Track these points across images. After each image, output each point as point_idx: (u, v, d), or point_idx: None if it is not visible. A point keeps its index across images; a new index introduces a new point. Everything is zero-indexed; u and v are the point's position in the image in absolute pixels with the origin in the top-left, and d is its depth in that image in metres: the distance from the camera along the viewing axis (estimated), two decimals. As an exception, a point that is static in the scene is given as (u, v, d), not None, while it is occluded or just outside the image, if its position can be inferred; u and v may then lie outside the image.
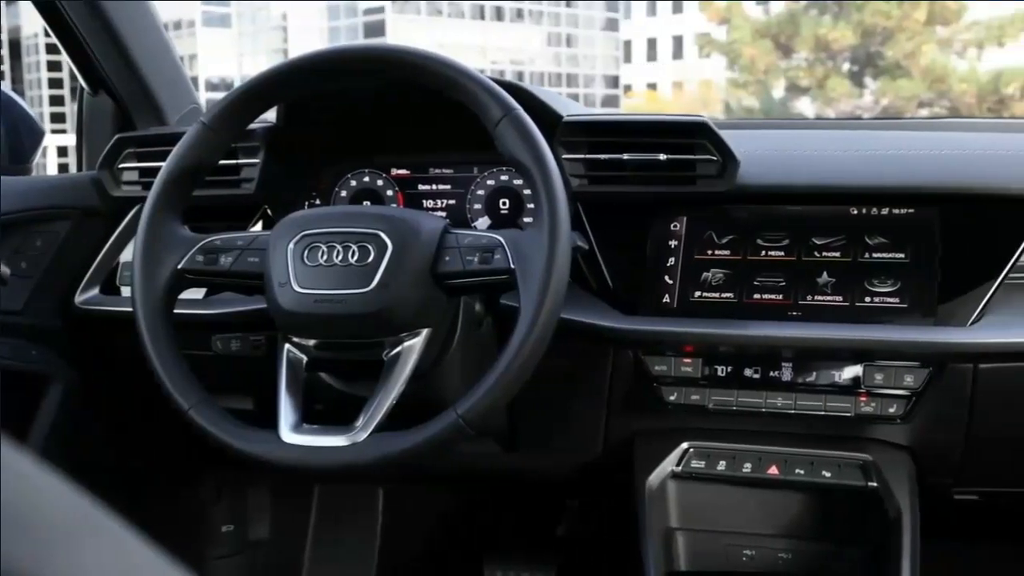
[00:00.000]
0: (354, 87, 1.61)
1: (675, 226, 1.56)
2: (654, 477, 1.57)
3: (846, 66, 21.34)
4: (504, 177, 1.72)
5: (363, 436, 1.28)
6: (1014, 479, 1.65)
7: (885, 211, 1.50)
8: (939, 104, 20.02)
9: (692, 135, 1.53)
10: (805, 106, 21.66)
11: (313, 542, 2.27)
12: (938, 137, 1.73)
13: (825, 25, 20.75)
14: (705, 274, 1.52)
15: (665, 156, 1.53)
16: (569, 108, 1.64)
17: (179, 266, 1.40)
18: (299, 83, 1.42)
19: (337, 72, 1.41)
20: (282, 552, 2.26)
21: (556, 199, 1.28)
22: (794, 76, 21.62)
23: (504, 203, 1.72)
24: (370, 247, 1.32)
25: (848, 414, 1.48)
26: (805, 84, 21.47)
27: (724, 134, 1.52)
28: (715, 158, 1.52)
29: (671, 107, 30.35)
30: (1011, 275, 1.44)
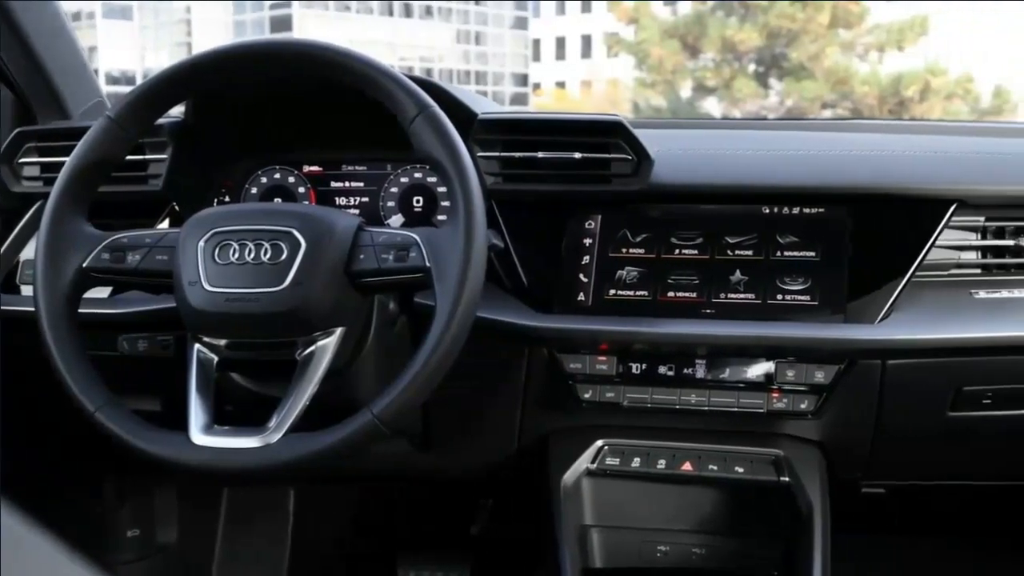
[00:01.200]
0: (266, 82, 1.59)
1: (590, 224, 1.56)
2: (569, 475, 1.57)
3: (752, 67, 21.65)
4: (418, 175, 1.70)
5: (276, 437, 1.26)
6: (919, 472, 1.69)
7: (796, 210, 1.52)
8: (842, 105, 20.44)
9: (607, 134, 1.54)
10: (712, 106, 21.93)
11: (222, 545, 2.23)
12: (847, 138, 1.76)
13: (731, 27, 21.03)
14: (620, 272, 1.53)
15: (580, 155, 1.54)
16: (484, 106, 1.64)
17: (84, 264, 1.36)
18: (211, 77, 1.39)
19: (250, 67, 1.38)
20: (190, 556, 2.22)
21: (472, 197, 1.27)
22: (701, 76, 21.87)
23: (418, 201, 1.71)
24: (283, 245, 1.30)
25: (760, 410, 1.50)
26: (712, 84, 21.73)
27: (639, 133, 1.53)
28: (630, 157, 1.53)
29: (579, 106, 30.54)
30: (918, 273, 1.47)
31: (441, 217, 1.70)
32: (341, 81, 1.33)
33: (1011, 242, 1.52)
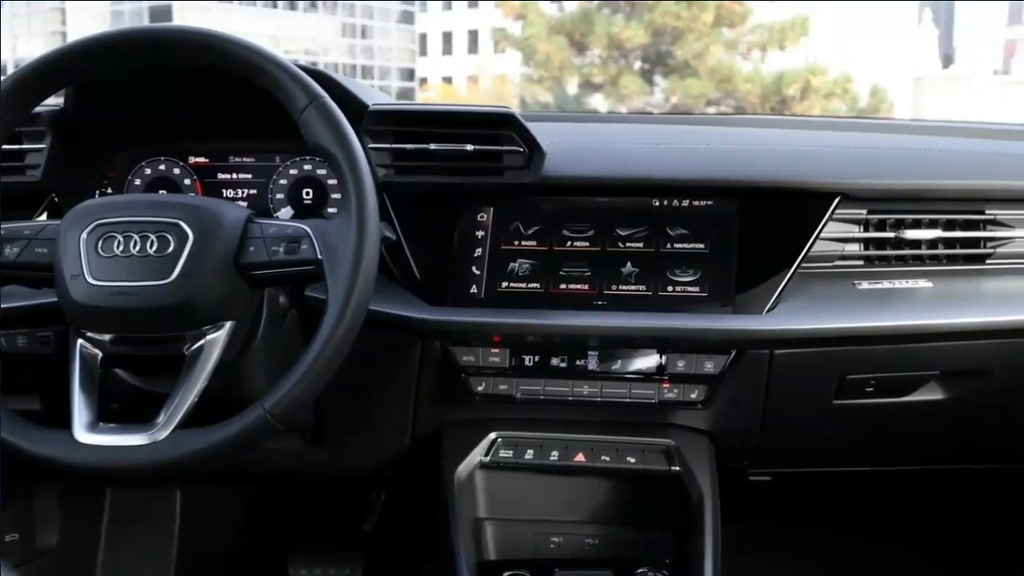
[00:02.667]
0: (152, 70, 1.54)
1: (482, 217, 1.56)
2: (463, 468, 1.57)
3: (638, 64, 21.88)
4: (308, 167, 1.68)
5: (164, 434, 1.23)
6: (805, 459, 1.74)
7: (686, 203, 1.54)
8: (725, 103, 20.80)
9: (499, 126, 1.54)
10: (599, 103, 22.11)
11: (106, 548, 2.17)
12: (735, 133, 1.80)
13: (618, 24, 21.22)
14: (512, 265, 1.53)
15: (472, 147, 1.54)
16: (375, 97, 1.63)
17: None
18: (95, 64, 1.35)
19: (136, 53, 1.35)
20: (73, 560, 2.15)
21: (364, 189, 1.26)
22: (588, 73, 22.02)
23: (308, 193, 1.69)
24: (170, 237, 1.27)
25: (652, 401, 1.52)
26: (599, 81, 21.89)
27: (531, 126, 1.54)
28: (522, 149, 1.53)
29: (466, 101, 30.51)
30: (803, 265, 1.51)
31: (331, 210, 1.68)
32: (230, 70, 1.31)
33: (892, 234, 1.56)
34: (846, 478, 1.86)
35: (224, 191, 1.70)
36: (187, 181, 1.70)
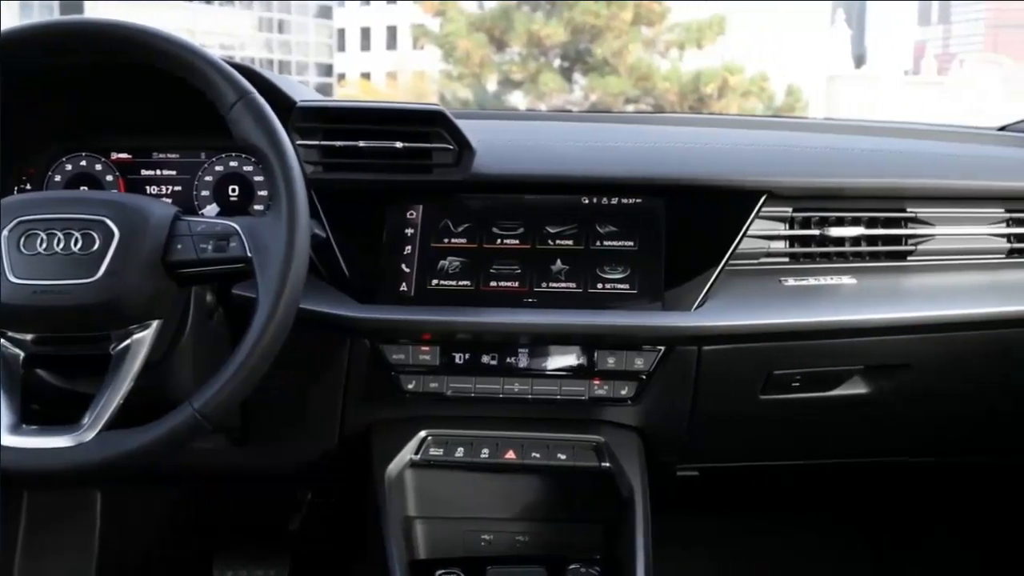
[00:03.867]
0: (74, 64, 1.51)
1: (411, 214, 1.55)
2: (393, 467, 1.56)
3: (557, 62, 21.98)
4: (234, 163, 1.66)
5: (90, 435, 1.21)
6: (731, 454, 1.76)
7: (615, 201, 1.55)
8: (644, 101, 21.02)
9: (429, 124, 1.53)
10: (518, 100, 22.18)
11: (23, 553, 2.12)
12: (664, 131, 1.81)
13: (537, 21, 21.30)
14: (442, 262, 1.53)
15: (402, 144, 1.53)
16: (302, 94, 1.61)
17: None
18: (15, 56, 1.31)
19: (59, 46, 1.32)
20: None
21: (294, 186, 1.25)
22: (507, 70, 22.07)
23: (234, 190, 1.66)
24: (95, 234, 1.25)
25: (582, 397, 1.53)
26: (518, 78, 21.96)
27: (460, 124, 1.53)
28: (451, 147, 1.53)
29: (385, 98, 30.35)
30: (731, 262, 1.53)
31: (258, 207, 1.66)
32: (156, 65, 1.28)
33: (816, 232, 1.59)
34: (772, 472, 1.89)
35: (147, 188, 1.67)
36: (109, 178, 1.67)
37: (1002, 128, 2.10)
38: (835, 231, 1.59)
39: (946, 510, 2.30)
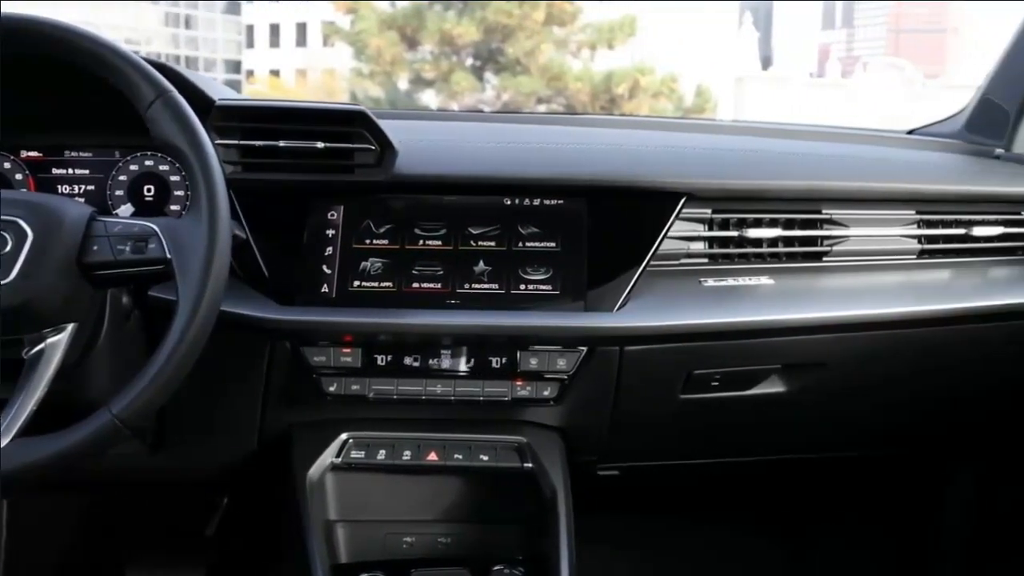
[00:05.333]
0: None
1: (332, 215, 1.54)
2: (314, 470, 1.55)
3: (469, 61, 21.96)
4: (149, 162, 1.62)
5: (4, 442, 1.17)
6: (651, 453, 1.78)
7: (537, 202, 1.56)
8: (556, 101, 21.11)
9: (350, 123, 1.52)
10: (430, 99, 22.11)
11: None
12: (585, 132, 1.82)
13: (450, 20, 21.26)
14: (364, 263, 1.51)
15: (323, 144, 1.51)
16: (221, 92, 1.59)
17: None
18: None
19: None
20: None
21: (215, 186, 1.24)
22: (419, 69, 22.00)
23: (149, 190, 1.63)
24: (7, 236, 1.22)
25: (505, 398, 1.53)
26: (430, 77, 21.90)
27: (382, 124, 1.52)
28: (373, 147, 1.52)
29: (295, 95, 30.08)
30: (652, 263, 1.54)
31: (174, 207, 1.63)
32: (71, 61, 1.25)
33: (735, 233, 1.61)
34: (691, 470, 1.91)
35: (59, 187, 1.62)
36: (19, 176, 1.62)
37: (910, 132, 2.17)
38: (753, 232, 1.61)
39: (860, 504, 2.35)
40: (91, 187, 1.62)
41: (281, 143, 1.51)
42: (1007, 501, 2.16)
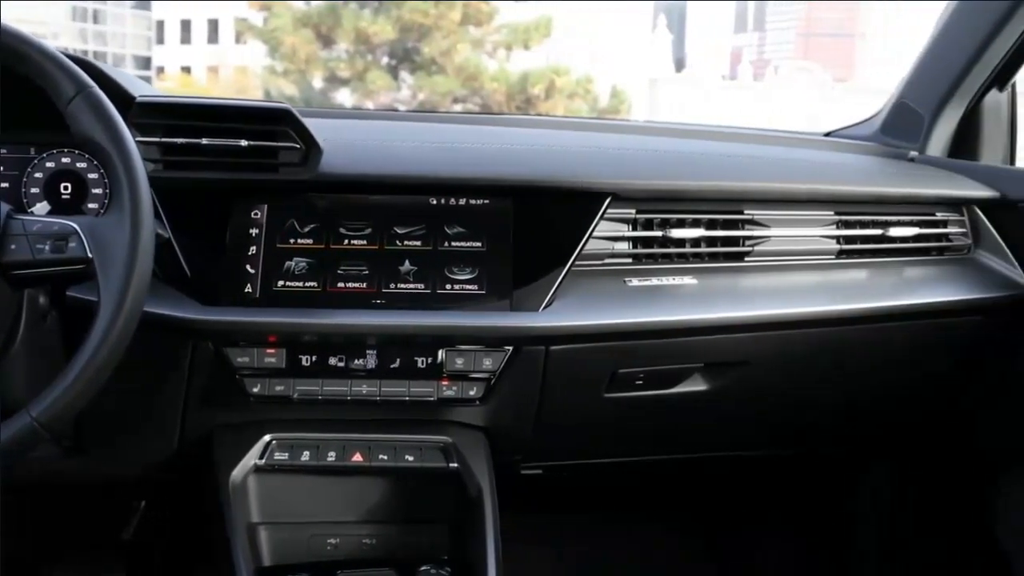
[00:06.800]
0: None
1: (256, 214, 1.52)
2: (237, 472, 1.53)
3: (385, 60, 21.87)
4: (66, 159, 1.58)
5: None
6: (575, 452, 1.79)
7: (463, 202, 1.55)
8: (472, 101, 21.14)
9: (275, 121, 1.50)
10: (345, 97, 21.95)
11: None
12: (510, 132, 1.82)
13: (365, 19, 21.15)
14: (288, 263, 1.50)
15: (247, 142, 1.50)
16: (141, 89, 1.56)
17: None
18: None
19: None
20: None
21: (138, 184, 1.22)
22: (335, 67, 21.86)
23: (66, 187, 1.59)
24: None
25: (431, 398, 1.53)
26: (345, 76, 21.76)
27: (307, 122, 1.51)
28: (298, 146, 1.51)
29: (207, 93, 29.64)
30: (577, 263, 1.55)
31: (92, 205, 1.59)
32: None
33: (659, 233, 1.63)
34: (614, 469, 1.92)
35: None
36: None
37: (827, 134, 2.21)
38: (677, 232, 1.63)
39: (780, 502, 2.39)
40: (5, 184, 1.58)
41: (204, 141, 1.49)
42: (921, 498, 2.22)
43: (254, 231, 1.51)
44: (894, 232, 1.76)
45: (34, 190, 1.58)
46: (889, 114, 2.13)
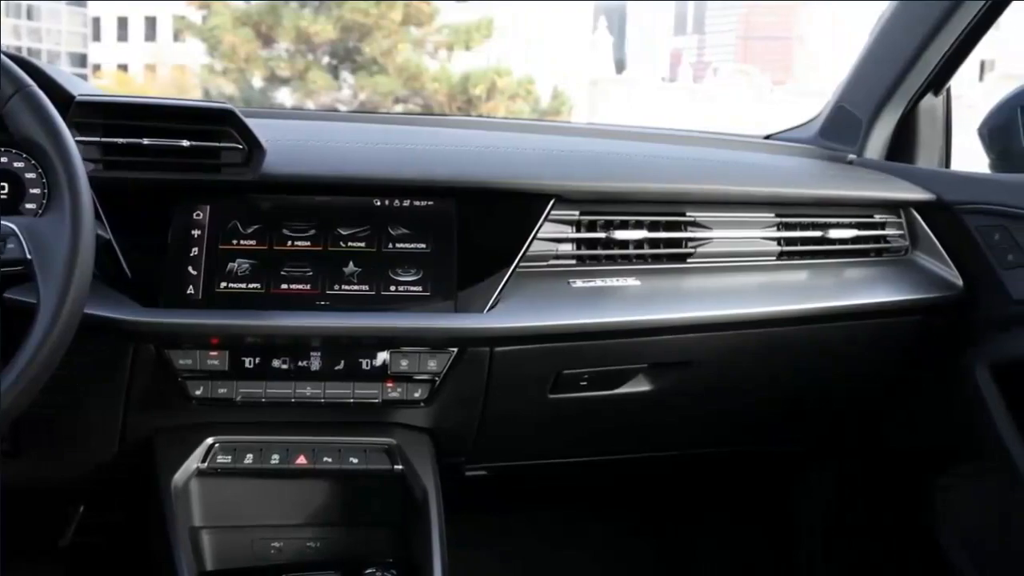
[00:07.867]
0: None
1: (198, 215, 1.51)
2: (179, 476, 1.52)
3: (326, 59, 21.74)
4: (3, 159, 1.56)
5: None
6: (519, 453, 1.79)
7: (407, 203, 1.55)
8: (413, 101, 21.07)
9: (217, 122, 1.49)
10: (285, 97, 21.79)
11: None
12: (454, 134, 1.82)
13: (306, 18, 21.01)
14: (231, 264, 1.49)
15: (188, 142, 1.48)
16: (80, 87, 1.54)
17: None
18: None
19: None
20: None
21: (78, 184, 1.21)
22: (275, 66, 21.69)
23: (2, 188, 1.57)
24: None
25: (376, 400, 1.53)
26: (286, 75, 21.61)
27: (250, 123, 1.50)
28: (241, 146, 1.50)
29: (144, 91, 29.30)
30: (521, 264, 1.55)
31: (29, 206, 1.56)
32: None
33: (602, 235, 1.64)
34: (559, 469, 1.93)
35: None
36: None
37: (767, 137, 2.24)
38: (620, 234, 1.64)
39: (727, 499, 2.41)
40: None
41: (145, 141, 1.48)
42: (862, 496, 2.25)
43: (196, 232, 1.50)
44: (833, 234, 1.78)
45: None
46: (828, 117, 2.16)
